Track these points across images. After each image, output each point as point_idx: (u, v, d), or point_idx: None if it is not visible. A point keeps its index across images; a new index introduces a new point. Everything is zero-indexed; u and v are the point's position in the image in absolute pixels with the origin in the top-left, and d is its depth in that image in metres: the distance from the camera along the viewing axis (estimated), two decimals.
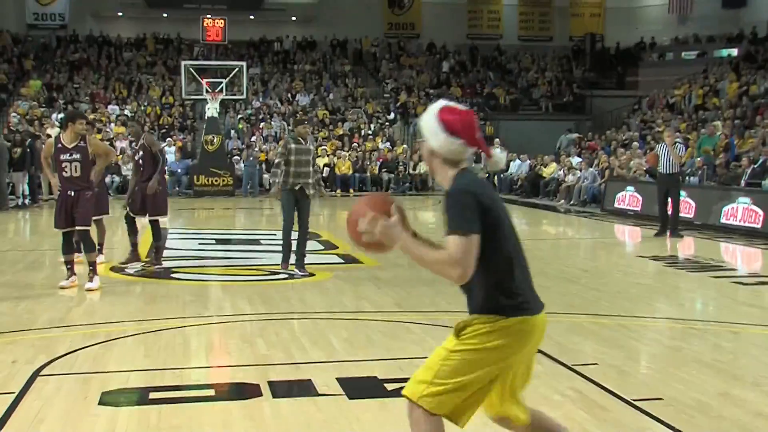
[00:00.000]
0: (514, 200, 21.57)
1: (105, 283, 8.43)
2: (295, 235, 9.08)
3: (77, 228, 8.17)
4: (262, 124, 26.57)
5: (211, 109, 23.07)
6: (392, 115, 29.07)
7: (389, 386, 4.90)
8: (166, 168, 10.56)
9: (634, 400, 4.62)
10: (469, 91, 32.03)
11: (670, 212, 13.01)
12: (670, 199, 12.91)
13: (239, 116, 27.34)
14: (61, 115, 25.14)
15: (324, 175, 23.54)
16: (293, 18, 34.56)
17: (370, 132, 26.97)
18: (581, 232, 15.32)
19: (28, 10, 32.31)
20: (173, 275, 9.29)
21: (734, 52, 31.25)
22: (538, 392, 4.79)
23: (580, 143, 24.87)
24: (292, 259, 9.11)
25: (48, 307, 7.29)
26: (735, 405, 4.62)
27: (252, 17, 33.72)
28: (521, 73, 34.09)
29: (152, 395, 4.79)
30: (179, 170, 22.91)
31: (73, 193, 8.12)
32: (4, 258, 10.36)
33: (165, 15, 33.33)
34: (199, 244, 12.63)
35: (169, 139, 24.51)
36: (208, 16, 30.16)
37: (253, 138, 25.10)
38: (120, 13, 33.34)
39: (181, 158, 23.38)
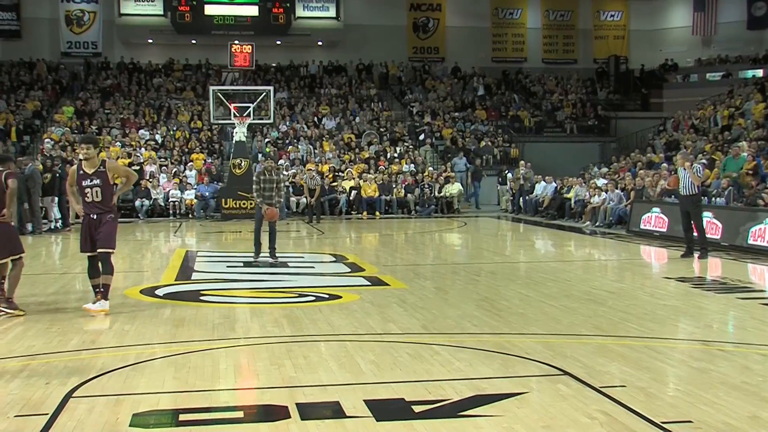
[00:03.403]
0: (539, 222, 21.51)
1: (134, 305, 8.57)
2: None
3: (99, 250, 8.25)
4: (289, 148, 26.82)
5: (239, 133, 23.30)
6: (422, 137, 29.19)
7: (417, 408, 4.93)
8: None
9: (663, 423, 4.61)
10: (494, 113, 32.12)
11: (695, 233, 12.97)
12: (693, 221, 12.91)
13: (266, 140, 27.62)
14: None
15: (350, 197, 23.74)
16: (319, 43, 34.97)
17: (395, 155, 27.09)
18: (607, 253, 15.24)
19: (62, 39, 33.09)
20: (202, 298, 9.40)
21: (759, 72, 31.07)
22: (566, 414, 4.80)
23: (604, 169, 24.75)
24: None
25: (79, 329, 7.43)
26: (765, 428, 4.58)
27: (279, 42, 34.16)
28: (545, 95, 34.14)
29: (182, 417, 4.87)
30: (207, 194, 23.16)
31: (95, 217, 8.28)
32: (37, 280, 10.54)
33: (194, 41, 33.88)
34: (227, 267, 12.75)
35: (190, 163, 24.91)
36: (236, 41, 30.54)
37: (281, 161, 25.33)
38: (150, 40, 33.96)
39: (209, 182, 23.64)
